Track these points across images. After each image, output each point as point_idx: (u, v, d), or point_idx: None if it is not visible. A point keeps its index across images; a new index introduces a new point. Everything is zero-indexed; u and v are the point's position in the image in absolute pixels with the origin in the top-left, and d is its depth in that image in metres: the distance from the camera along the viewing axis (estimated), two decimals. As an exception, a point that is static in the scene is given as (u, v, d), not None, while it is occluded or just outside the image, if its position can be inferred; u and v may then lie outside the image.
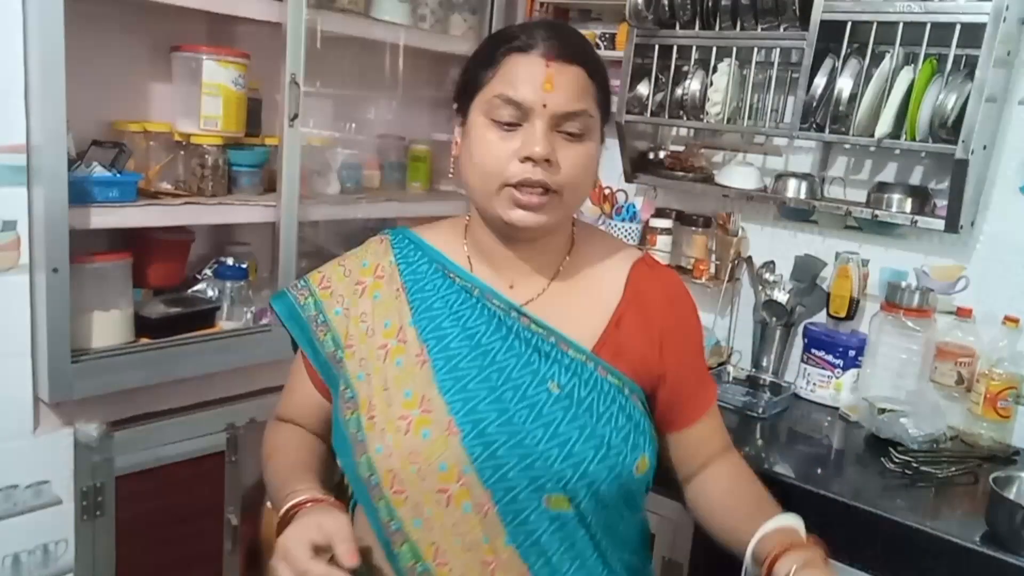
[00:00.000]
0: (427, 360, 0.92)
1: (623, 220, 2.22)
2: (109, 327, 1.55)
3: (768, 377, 2.00)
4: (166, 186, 1.71)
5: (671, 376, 0.99)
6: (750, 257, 2.11)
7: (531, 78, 0.88)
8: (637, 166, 2.22)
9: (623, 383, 0.95)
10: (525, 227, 0.91)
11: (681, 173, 2.14)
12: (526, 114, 0.88)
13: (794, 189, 1.94)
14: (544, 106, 0.87)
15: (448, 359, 0.92)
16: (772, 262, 2.05)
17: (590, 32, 2.27)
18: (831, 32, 1.77)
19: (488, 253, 0.99)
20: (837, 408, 1.86)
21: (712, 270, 2.12)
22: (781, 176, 1.97)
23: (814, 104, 1.82)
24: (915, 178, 1.89)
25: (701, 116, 2.03)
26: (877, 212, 1.79)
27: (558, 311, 0.97)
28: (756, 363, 2.05)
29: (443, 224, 1.07)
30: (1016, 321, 1.67)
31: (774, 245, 2.09)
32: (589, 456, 0.89)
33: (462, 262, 1.00)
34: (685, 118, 2.08)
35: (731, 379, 1.99)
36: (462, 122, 0.95)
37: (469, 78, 0.94)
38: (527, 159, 0.87)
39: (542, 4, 2.35)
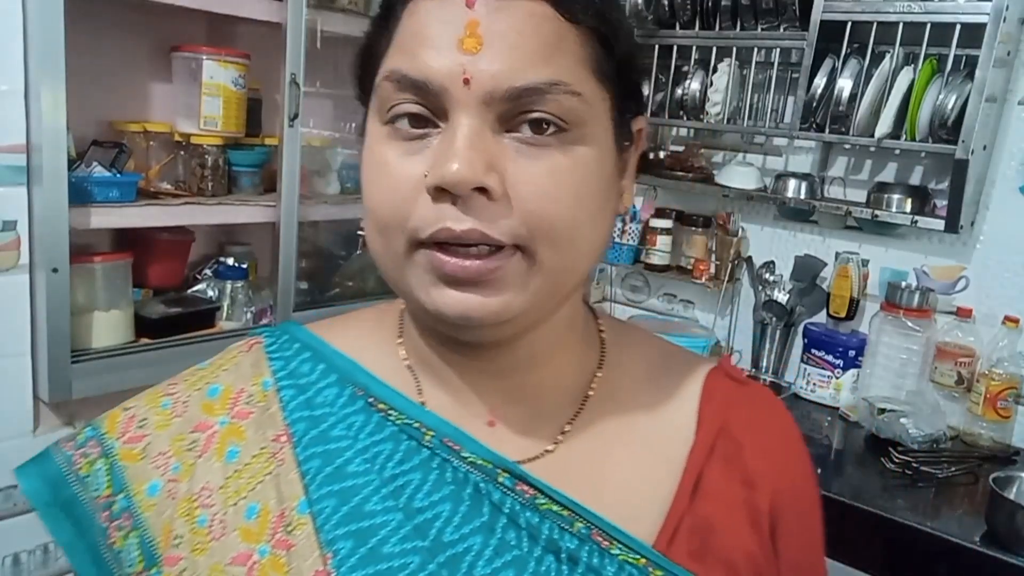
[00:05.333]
0: None
1: (623, 220, 2.22)
2: (109, 327, 1.55)
3: (768, 377, 2.00)
4: (166, 186, 1.71)
5: None
6: (750, 257, 2.11)
7: (442, 33, 0.45)
8: (637, 166, 2.22)
9: None
10: (467, 325, 0.48)
11: (681, 173, 2.14)
12: (439, 104, 0.46)
13: (794, 189, 1.94)
14: (466, 81, 0.45)
15: None
16: (772, 262, 2.06)
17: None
18: (831, 32, 1.77)
19: (439, 366, 0.56)
20: (837, 408, 1.86)
21: (712, 270, 2.12)
22: (781, 176, 1.97)
23: (814, 104, 1.82)
24: (915, 178, 1.89)
25: (701, 116, 2.03)
26: (877, 212, 1.79)
27: (584, 473, 0.54)
28: (756, 363, 2.05)
29: (363, 316, 0.63)
30: (1016, 321, 1.67)
31: (774, 245, 2.09)
32: None
33: (400, 381, 0.56)
34: (685, 118, 2.08)
35: (731, 379, 1.99)
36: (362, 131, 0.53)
37: (363, 54, 0.52)
38: (440, 191, 0.45)
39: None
